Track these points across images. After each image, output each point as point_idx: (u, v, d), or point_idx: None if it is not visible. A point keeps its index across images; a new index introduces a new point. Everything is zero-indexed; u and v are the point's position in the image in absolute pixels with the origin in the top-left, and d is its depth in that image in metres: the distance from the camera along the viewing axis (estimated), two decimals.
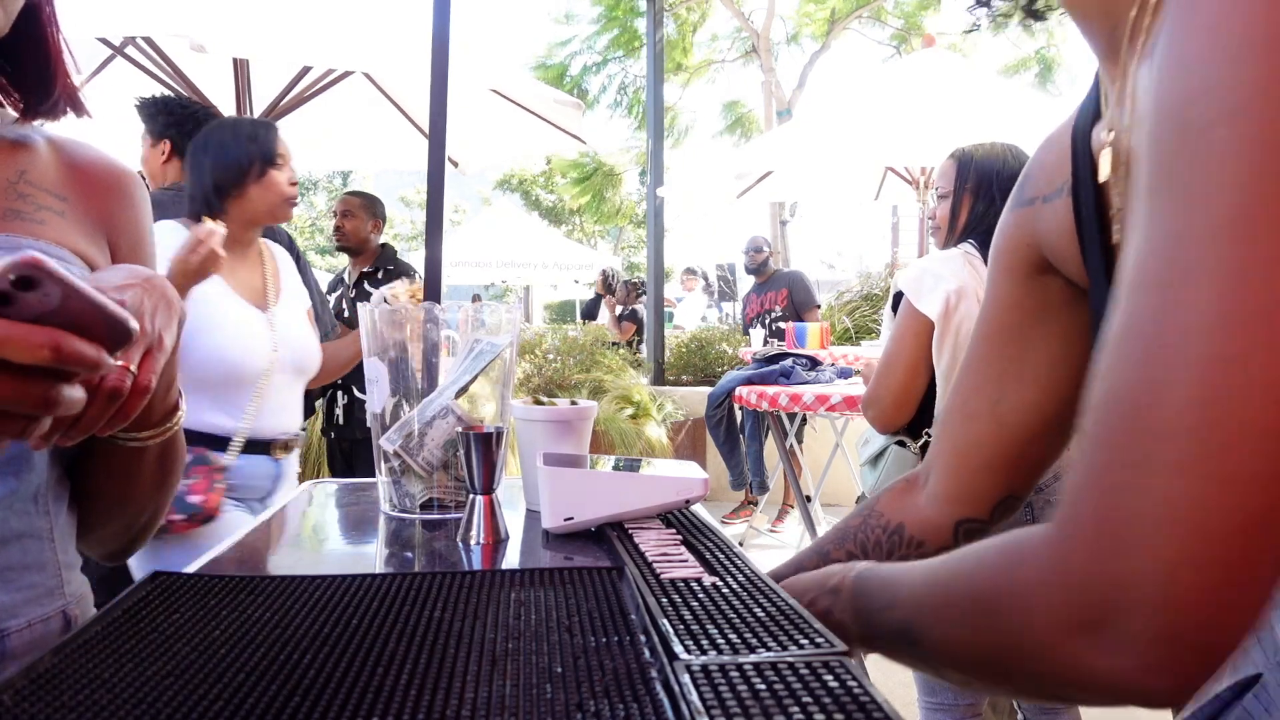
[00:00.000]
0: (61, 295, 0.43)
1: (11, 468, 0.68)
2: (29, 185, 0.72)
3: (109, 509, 0.77)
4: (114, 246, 0.79)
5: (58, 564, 0.72)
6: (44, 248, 0.69)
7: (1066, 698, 0.43)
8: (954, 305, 1.58)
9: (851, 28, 13.40)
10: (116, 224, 0.79)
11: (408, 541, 0.87)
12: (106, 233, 0.78)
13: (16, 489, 0.68)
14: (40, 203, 0.72)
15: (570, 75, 13.38)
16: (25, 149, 0.74)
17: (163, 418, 0.71)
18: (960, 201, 1.70)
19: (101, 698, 0.46)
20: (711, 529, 0.84)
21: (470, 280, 13.06)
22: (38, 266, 0.42)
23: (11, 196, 0.71)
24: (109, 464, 0.74)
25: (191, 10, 2.72)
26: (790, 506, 4.90)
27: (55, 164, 0.76)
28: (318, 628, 0.57)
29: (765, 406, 2.30)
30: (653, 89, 4.66)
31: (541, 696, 0.47)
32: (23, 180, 0.72)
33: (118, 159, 0.83)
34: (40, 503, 0.71)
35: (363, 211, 3.44)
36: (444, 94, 2.76)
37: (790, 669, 0.47)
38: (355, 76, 3.57)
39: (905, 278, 1.72)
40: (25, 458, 0.69)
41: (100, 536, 0.80)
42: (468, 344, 0.96)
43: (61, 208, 0.74)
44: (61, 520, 0.74)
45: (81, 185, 0.77)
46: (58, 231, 0.72)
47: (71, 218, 0.75)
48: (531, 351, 4.92)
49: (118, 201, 0.80)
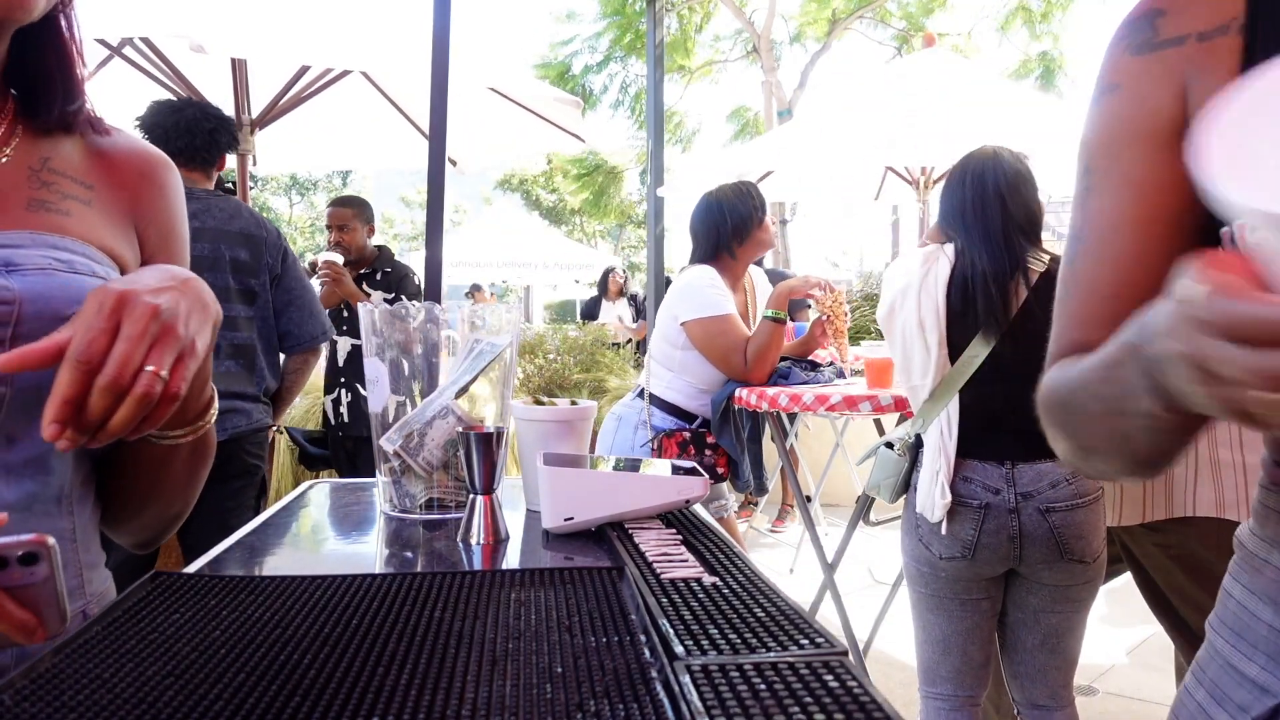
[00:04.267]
0: (45, 577, 0.50)
1: (30, 470, 0.67)
2: (53, 173, 0.70)
3: (139, 503, 0.76)
4: (143, 236, 0.77)
5: (79, 564, 0.71)
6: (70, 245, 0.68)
7: None
8: (897, 306, 1.64)
9: (853, 28, 13.40)
10: (146, 212, 0.77)
11: (408, 541, 0.87)
12: (135, 221, 0.76)
13: (37, 492, 0.67)
14: (66, 191, 0.70)
15: (572, 74, 13.39)
16: (48, 134, 0.72)
17: (196, 416, 0.70)
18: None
19: (101, 698, 0.46)
20: (711, 529, 0.84)
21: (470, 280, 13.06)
22: (44, 546, 0.49)
23: (35, 185, 0.69)
24: (141, 461, 0.72)
25: (190, 10, 2.72)
26: (790, 506, 4.90)
27: (81, 150, 0.74)
28: (318, 628, 0.56)
29: (765, 407, 2.30)
30: (653, 89, 4.66)
31: (542, 696, 0.47)
32: (46, 168, 0.70)
33: (148, 145, 0.81)
34: (64, 504, 0.70)
35: (356, 220, 3.44)
36: (444, 94, 2.76)
37: (790, 669, 0.47)
38: (354, 76, 3.56)
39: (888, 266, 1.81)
40: (45, 460, 0.68)
41: (130, 529, 0.79)
42: (468, 344, 0.96)
43: (88, 196, 0.72)
44: (84, 519, 0.73)
45: (109, 172, 0.75)
46: (84, 224, 0.70)
47: (98, 207, 0.73)
48: (531, 351, 4.92)
49: (147, 189, 0.77)
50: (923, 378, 1.62)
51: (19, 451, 0.65)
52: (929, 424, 1.63)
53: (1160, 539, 1.82)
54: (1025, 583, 1.65)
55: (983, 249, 1.60)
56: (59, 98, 0.72)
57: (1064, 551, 1.58)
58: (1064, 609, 1.64)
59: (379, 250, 3.52)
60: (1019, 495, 1.58)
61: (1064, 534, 1.57)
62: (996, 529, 1.58)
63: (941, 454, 1.60)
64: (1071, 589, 1.62)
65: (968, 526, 1.59)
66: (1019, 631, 1.68)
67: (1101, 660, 2.97)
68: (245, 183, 3.32)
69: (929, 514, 1.61)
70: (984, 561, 1.60)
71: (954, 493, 1.60)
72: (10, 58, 0.70)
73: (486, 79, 3.25)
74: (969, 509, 1.59)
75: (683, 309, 2.37)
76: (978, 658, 1.67)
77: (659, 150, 4.63)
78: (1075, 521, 1.58)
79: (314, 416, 3.74)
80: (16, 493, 0.66)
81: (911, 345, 1.62)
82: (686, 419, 2.43)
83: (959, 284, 1.59)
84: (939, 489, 1.59)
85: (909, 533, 1.70)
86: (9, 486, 0.65)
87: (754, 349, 2.32)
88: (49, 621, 0.51)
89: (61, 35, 0.71)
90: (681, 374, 2.42)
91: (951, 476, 1.60)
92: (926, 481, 1.63)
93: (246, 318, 2.27)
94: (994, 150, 1.69)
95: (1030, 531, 1.57)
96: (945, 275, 1.60)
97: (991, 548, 1.59)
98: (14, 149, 0.69)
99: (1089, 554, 1.60)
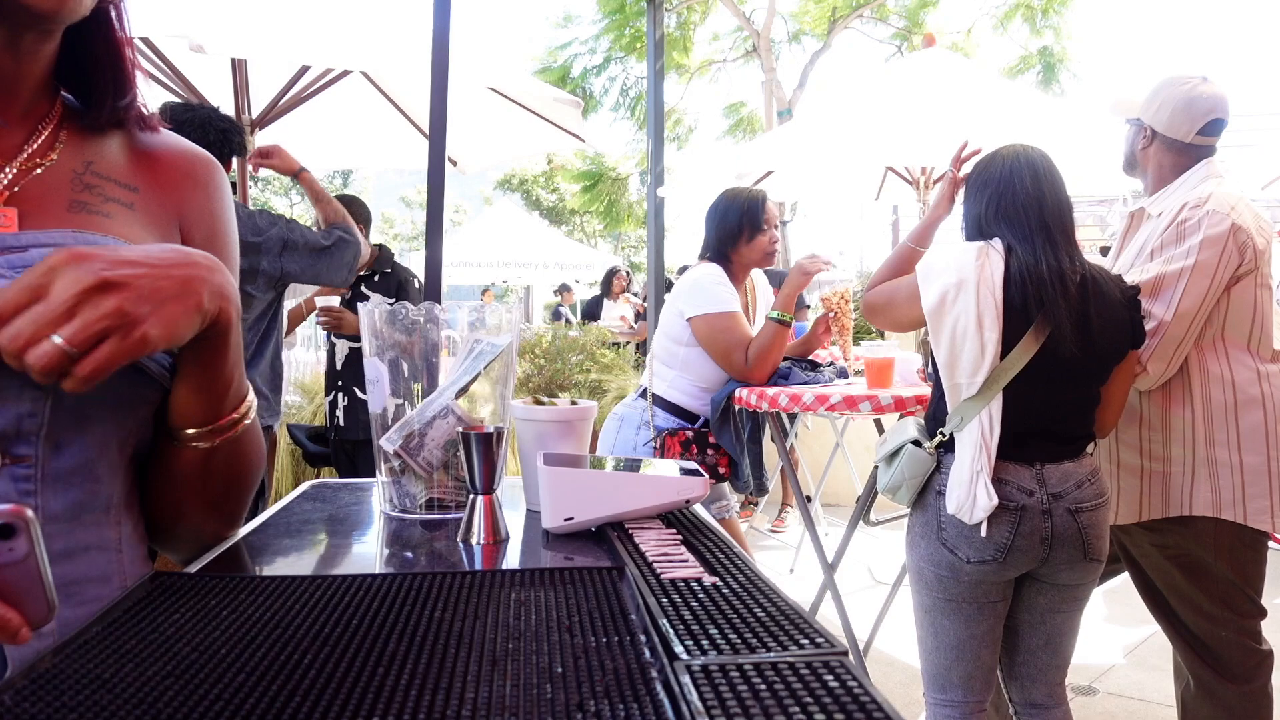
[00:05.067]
0: (24, 554, 0.46)
1: (79, 479, 0.65)
2: (96, 176, 0.69)
3: (175, 515, 0.74)
4: (188, 237, 0.75)
5: (124, 575, 0.70)
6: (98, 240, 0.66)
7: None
8: (950, 300, 1.56)
9: (853, 26, 13.39)
10: (190, 213, 0.75)
11: (408, 541, 0.87)
12: (180, 222, 0.75)
13: (85, 501, 0.66)
14: (108, 194, 0.69)
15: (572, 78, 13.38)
16: (94, 137, 0.71)
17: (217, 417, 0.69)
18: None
19: (101, 698, 0.46)
20: (711, 529, 0.84)
21: (470, 280, 13.05)
22: (21, 517, 0.46)
23: (78, 188, 0.68)
24: (175, 467, 0.71)
25: (190, 10, 2.72)
26: (789, 506, 4.90)
27: (126, 152, 0.73)
28: (318, 628, 0.56)
29: (765, 407, 2.30)
30: (653, 89, 4.65)
31: (542, 696, 0.47)
32: (89, 171, 0.69)
33: (194, 145, 0.79)
34: (112, 514, 0.69)
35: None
36: (444, 94, 2.76)
37: (790, 669, 0.47)
38: (354, 76, 3.57)
39: (926, 256, 1.72)
40: (93, 468, 0.66)
41: (172, 543, 0.77)
42: (468, 344, 0.96)
43: (131, 199, 0.71)
44: (129, 529, 0.71)
45: (153, 173, 0.74)
46: (124, 226, 0.69)
47: (141, 209, 0.72)
48: (531, 351, 4.92)
49: (191, 190, 0.76)
50: (972, 375, 1.55)
51: (67, 458, 0.64)
52: (966, 423, 1.57)
53: (1157, 539, 1.82)
54: (1037, 584, 1.64)
55: (1047, 244, 1.56)
56: (110, 94, 0.71)
57: (1088, 551, 1.57)
58: (1068, 608, 1.64)
59: (378, 250, 3.52)
60: (1050, 496, 1.55)
61: (1089, 534, 1.56)
62: (1030, 531, 1.55)
63: (984, 453, 1.54)
64: (1079, 589, 1.62)
65: (1004, 529, 1.55)
66: (1025, 633, 1.68)
67: (1101, 660, 2.97)
68: (245, 183, 3.32)
69: (966, 516, 1.55)
70: (1013, 564, 1.57)
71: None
72: (61, 54, 0.70)
73: (486, 79, 3.25)
74: (1006, 511, 1.55)
75: (689, 304, 2.37)
76: (989, 662, 1.65)
77: (659, 150, 4.63)
78: (1099, 521, 1.58)
79: (322, 414, 3.74)
80: (64, 501, 0.64)
81: (964, 341, 1.55)
82: (689, 419, 2.43)
83: (1017, 279, 1.54)
84: (982, 488, 1.53)
85: (928, 537, 1.63)
86: (56, 495, 0.64)
87: (756, 349, 2.32)
88: (32, 610, 0.48)
89: (113, 29, 0.71)
90: (684, 372, 2.42)
91: (993, 477, 1.54)
92: (964, 483, 1.55)
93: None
94: (1036, 149, 1.65)
95: (1060, 532, 1.55)
96: (1001, 271, 1.55)
97: (1024, 550, 1.55)
98: (59, 153, 0.69)
99: (1104, 553, 1.60)
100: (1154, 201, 1.86)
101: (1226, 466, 1.72)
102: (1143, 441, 1.81)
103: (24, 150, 0.67)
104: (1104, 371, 1.61)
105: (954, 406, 1.59)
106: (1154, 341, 1.70)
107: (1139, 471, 1.81)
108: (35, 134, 0.68)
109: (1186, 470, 1.75)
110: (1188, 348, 1.73)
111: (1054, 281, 1.52)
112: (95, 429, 0.66)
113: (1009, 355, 1.54)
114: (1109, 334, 1.57)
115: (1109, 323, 1.57)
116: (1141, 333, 1.63)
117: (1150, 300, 1.71)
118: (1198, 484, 1.74)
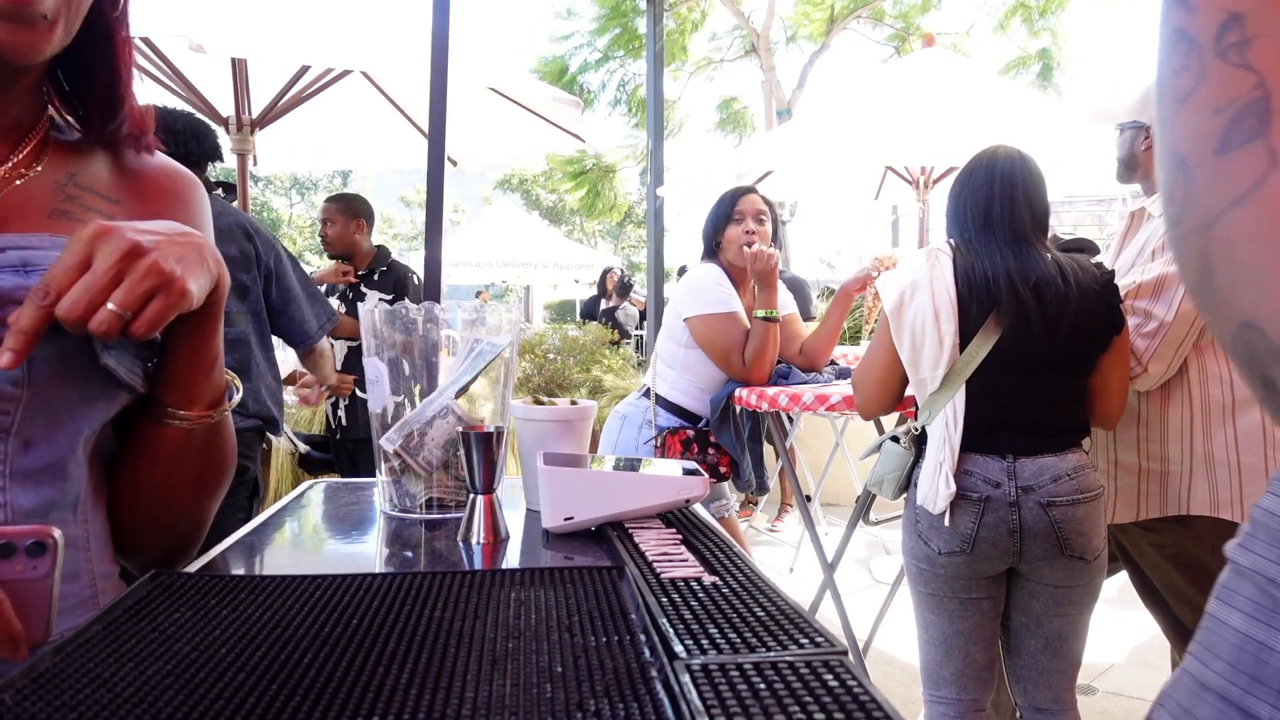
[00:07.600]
0: (45, 574, 0.49)
1: (49, 476, 0.66)
2: (78, 188, 0.71)
3: (149, 507, 0.75)
4: None
5: (93, 574, 0.70)
6: None
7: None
8: (908, 298, 1.64)
9: (850, 27, 13.39)
10: None
11: (408, 541, 0.87)
12: None
13: (55, 499, 0.66)
14: (89, 204, 0.71)
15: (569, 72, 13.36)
16: (79, 153, 0.73)
17: (205, 394, 0.71)
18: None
19: (101, 698, 0.46)
20: (711, 528, 0.84)
21: (470, 280, 13.06)
22: (52, 537, 0.48)
23: (60, 198, 0.70)
24: (152, 451, 0.72)
25: (190, 10, 2.72)
26: (790, 505, 4.90)
27: (110, 167, 0.75)
28: (318, 628, 0.57)
29: (765, 407, 2.30)
30: (653, 89, 4.65)
31: (541, 696, 0.47)
32: (72, 183, 0.71)
33: (179, 165, 0.82)
34: (80, 511, 0.69)
35: (342, 215, 3.42)
36: (443, 93, 2.76)
37: (790, 669, 0.47)
38: (354, 76, 3.56)
39: (885, 274, 1.81)
40: (64, 466, 0.67)
41: (139, 542, 0.77)
42: (468, 344, 0.96)
43: (111, 211, 0.73)
44: (97, 527, 0.72)
45: (136, 189, 0.76)
46: None
47: (122, 220, 0.72)
48: (531, 351, 4.92)
49: (173, 204, 0.78)
50: (934, 369, 1.62)
51: (37, 456, 0.65)
52: (934, 416, 1.63)
53: (1156, 538, 1.82)
54: (1028, 585, 1.65)
55: (994, 243, 1.62)
56: (98, 113, 0.73)
57: (1064, 547, 1.58)
58: (1067, 612, 1.64)
59: (377, 250, 3.52)
60: (1019, 489, 1.58)
61: (1065, 529, 1.57)
62: (996, 522, 1.58)
63: (946, 445, 1.60)
64: (1073, 590, 1.62)
65: (967, 519, 1.59)
66: (1022, 635, 1.68)
67: (1101, 660, 2.97)
68: (245, 182, 3.32)
69: (931, 505, 1.61)
70: (983, 557, 1.60)
71: (955, 485, 1.60)
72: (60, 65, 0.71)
73: (486, 79, 3.25)
74: (969, 501, 1.59)
75: (685, 305, 2.38)
76: (980, 660, 1.67)
77: (659, 150, 4.63)
78: (1076, 517, 1.58)
79: (319, 421, 3.74)
80: (34, 499, 0.65)
81: (923, 335, 1.62)
82: (691, 420, 2.44)
83: (964, 276, 1.61)
84: (943, 479, 1.59)
85: (909, 530, 1.69)
86: (26, 493, 0.64)
87: (750, 349, 2.33)
88: (34, 628, 0.50)
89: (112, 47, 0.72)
90: (685, 373, 2.42)
91: (955, 468, 1.60)
92: (929, 473, 1.63)
93: (239, 312, 2.27)
94: (1013, 149, 1.70)
95: (1030, 525, 1.57)
96: (950, 271, 1.62)
97: (991, 541, 1.59)
98: (44, 165, 0.70)
99: (1089, 551, 1.60)
100: (1155, 201, 1.86)
101: (1224, 466, 1.72)
102: (1140, 441, 1.81)
103: (9, 160, 0.69)
104: (1083, 363, 1.63)
105: (923, 401, 1.66)
106: (1155, 342, 1.70)
107: (1137, 471, 1.81)
108: (20, 147, 0.70)
109: (1184, 470, 1.75)
110: (1188, 348, 1.73)
111: (998, 279, 1.58)
112: (65, 427, 0.67)
113: (967, 349, 1.60)
114: (1082, 325, 1.59)
115: (1082, 313, 1.59)
116: (1121, 318, 1.64)
117: (1152, 301, 1.71)
118: (1196, 483, 1.74)
